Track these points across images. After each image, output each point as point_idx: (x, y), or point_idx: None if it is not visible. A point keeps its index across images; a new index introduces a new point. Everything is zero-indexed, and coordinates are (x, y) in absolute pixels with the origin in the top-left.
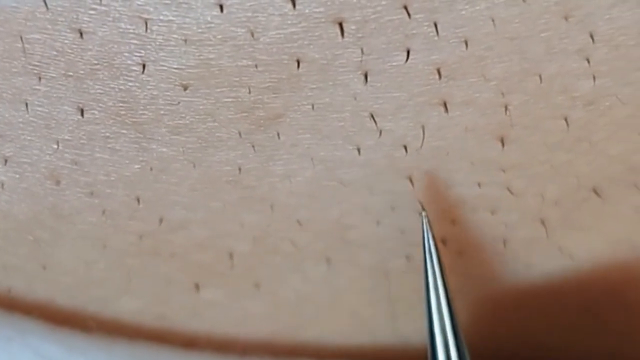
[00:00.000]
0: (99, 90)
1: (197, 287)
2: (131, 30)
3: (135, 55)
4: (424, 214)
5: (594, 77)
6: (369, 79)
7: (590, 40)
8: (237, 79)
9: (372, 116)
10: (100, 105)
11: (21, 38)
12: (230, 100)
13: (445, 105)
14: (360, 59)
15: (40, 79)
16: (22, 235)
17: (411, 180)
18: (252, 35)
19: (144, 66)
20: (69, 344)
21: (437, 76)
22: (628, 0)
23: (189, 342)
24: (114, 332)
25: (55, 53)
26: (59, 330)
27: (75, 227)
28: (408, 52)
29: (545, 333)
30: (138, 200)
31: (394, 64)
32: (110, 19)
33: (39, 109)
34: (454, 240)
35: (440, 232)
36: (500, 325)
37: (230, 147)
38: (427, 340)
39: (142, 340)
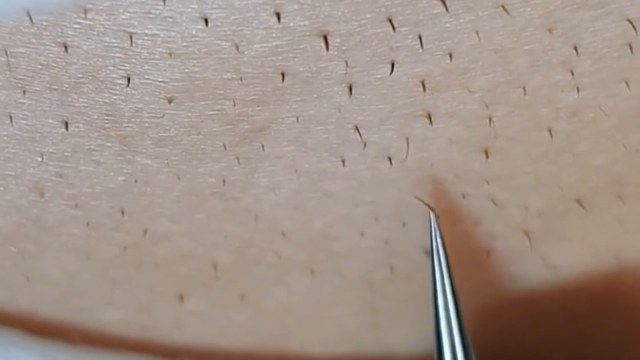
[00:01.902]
0: (83, 104)
1: (181, 297)
2: (116, 44)
3: (120, 69)
4: (432, 215)
5: (578, 89)
6: (353, 91)
7: (574, 52)
8: (222, 92)
9: (356, 128)
10: (85, 118)
11: (6, 52)
12: (214, 113)
13: (429, 117)
14: (344, 71)
15: (24, 92)
16: (5, 247)
17: (396, 192)
18: (237, 48)
19: (128, 79)
20: (52, 357)
21: (421, 88)
22: (612, 12)
23: (172, 353)
24: (98, 343)
25: (39, 67)
26: (42, 343)
27: (59, 239)
28: (392, 65)
29: (529, 343)
30: (122, 212)
31: (379, 76)
32: (95, 32)
33: (24, 122)
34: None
35: (424, 243)
36: (484, 335)
37: (215, 159)
38: (434, 343)
39: (126, 351)
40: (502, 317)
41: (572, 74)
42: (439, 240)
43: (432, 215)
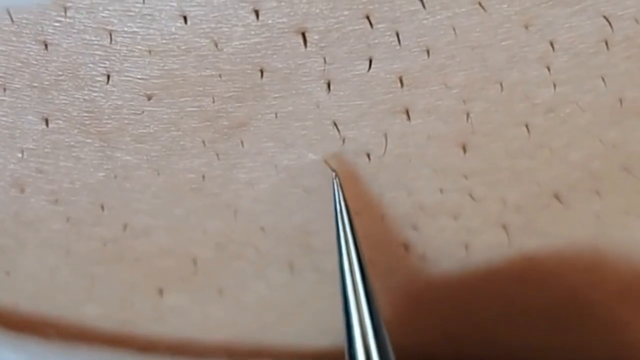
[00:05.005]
0: (63, 101)
1: (160, 292)
2: (96, 42)
3: (100, 66)
4: (335, 179)
5: (555, 85)
6: (331, 87)
7: (551, 48)
8: (201, 88)
9: (335, 124)
10: (65, 115)
11: None
12: (194, 109)
13: (407, 113)
14: (323, 68)
15: (5, 89)
16: None
17: (375, 187)
18: (216, 45)
19: (108, 77)
20: (30, 352)
21: (399, 84)
22: (587, 9)
23: (152, 347)
24: (77, 338)
25: (20, 64)
26: (20, 338)
27: (40, 234)
28: (370, 61)
29: (506, 333)
30: (102, 208)
31: (357, 72)
32: (75, 30)
33: (4, 119)
34: (416, 246)
35: (403, 237)
36: (462, 326)
37: (194, 155)
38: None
39: (106, 346)
40: (479, 308)
41: (549, 70)
42: (342, 202)
43: (335, 179)
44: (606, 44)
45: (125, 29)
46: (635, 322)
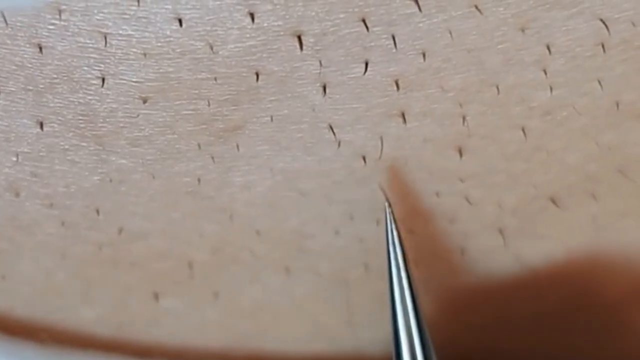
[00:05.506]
0: (58, 104)
1: (156, 296)
2: (90, 45)
3: (95, 69)
4: (388, 210)
5: (551, 88)
6: (327, 90)
7: (547, 51)
8: (197, 91)
9: (330, 127)
10: (60, 118)
11: None
12: (189, 112)
13: (403, 116)
14: (318, 71)
15: None
16: None
17: (370, 190)
18: (211, 48)
19: (103, 80)
20: (25, 357)
21: (395, 87)
22: (584, 12)
23: (147, 351)
24: (73, 342)
25: (14, 67)
26: (15, 342)
27: (35, 238)
28: (366, 64)
29: (503, 339)
30: (97, 212)
31: (353, 75)
32: (70, 33)
33: None
34: (412, 250)
35: None
36: (458, 332)
37: (190, 158)
38: (392, 334)
39: (101, 351)
40: (475, 313)
41: (545, 73)
42: (395, 233)
43: (387, 207)
44: (603, 47)
45: (120, 31)
46: (636, 325)
